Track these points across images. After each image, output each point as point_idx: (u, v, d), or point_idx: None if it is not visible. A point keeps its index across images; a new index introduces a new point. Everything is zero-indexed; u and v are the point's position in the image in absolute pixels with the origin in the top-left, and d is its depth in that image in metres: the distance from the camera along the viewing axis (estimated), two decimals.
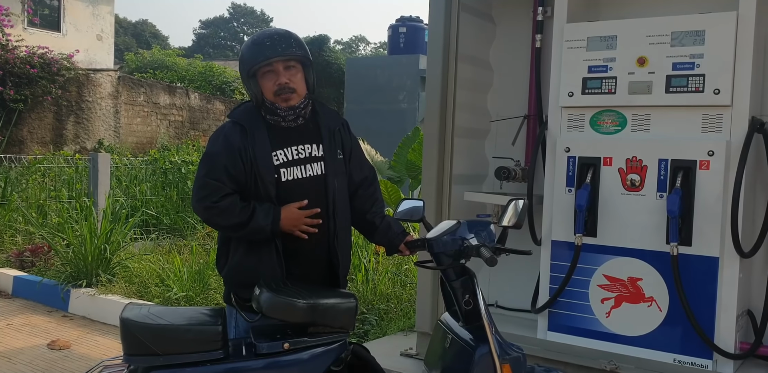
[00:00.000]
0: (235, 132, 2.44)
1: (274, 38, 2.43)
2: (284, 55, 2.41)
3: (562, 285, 3.42)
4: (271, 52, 2.40)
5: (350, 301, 2.26)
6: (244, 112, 2.52)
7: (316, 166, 2.53)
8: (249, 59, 2.44)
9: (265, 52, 2.40)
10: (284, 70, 2.43)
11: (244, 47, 2.49)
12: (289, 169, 2.48)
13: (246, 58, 2.46)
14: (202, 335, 2.06)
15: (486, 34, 4.11)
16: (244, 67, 2.47)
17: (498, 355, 2.15)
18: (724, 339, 3.11)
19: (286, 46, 2.41)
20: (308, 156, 2.52)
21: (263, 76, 2.44)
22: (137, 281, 5.36)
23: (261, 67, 2.43)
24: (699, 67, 3.11)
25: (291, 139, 2.50)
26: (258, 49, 2.42)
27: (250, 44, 2.47)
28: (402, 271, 5.50)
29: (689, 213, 3.12)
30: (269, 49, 2.41)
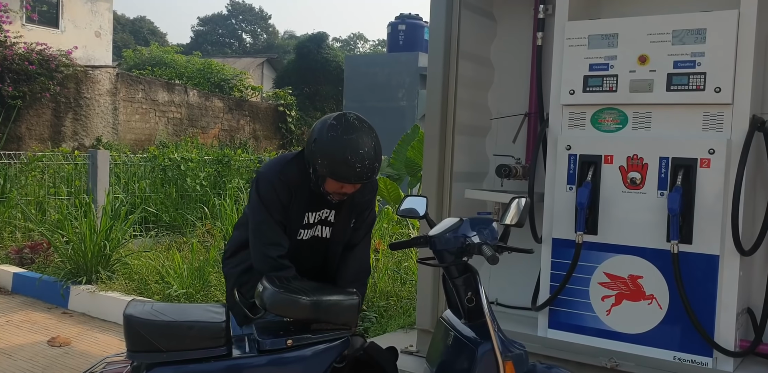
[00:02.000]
0: (283, 190, 2.56)
1: (365, 163, 2.42)
2: (363, 183, 2.53)
3: (562, 283, 3.42)
4: (356, 179, 2.46)
5: (352, 298, 2.26)
6: (292, 175, 2.58)
7: (326, 230, 2.72)
8: (332, 171, 2.43)
9: (351, 178, 2.45)
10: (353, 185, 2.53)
11: (332, 155, 2.42)
12: (306, 231, 2.68)
13: (330, 167, 2.43)
14: (206, 332, 2.06)
15: (487, 31, 4.11)
16: (323, 169, 2.45)
17: (500, 352, 2.16)
18: (724, 337, 3.11)
19: (372, 174, 2.47)
20: (323, 219, 2.70)
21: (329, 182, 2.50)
22: (137, 277, 5.36)
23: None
24: (700, 65, 3.11)
25: (321, 204, 2.65)
26: (347, 170, 2.42)
27: (340, 160, 2.41)
28: (402, 268, 5.51)
29: (690, 211, 3.13)
30: (356, 176, 2.44)
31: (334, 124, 2.45)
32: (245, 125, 19.39)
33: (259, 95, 21.85)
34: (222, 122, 18.68)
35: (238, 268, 2.70)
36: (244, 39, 58.10)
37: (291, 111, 20.36)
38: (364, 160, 2.42)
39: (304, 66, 22.85)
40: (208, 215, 7.49)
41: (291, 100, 20.65)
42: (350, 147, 2.41)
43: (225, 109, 18.73)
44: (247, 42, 57.73)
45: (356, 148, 2.41)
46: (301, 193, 2.58)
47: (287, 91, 21.05)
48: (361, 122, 2.51)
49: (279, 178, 2.56)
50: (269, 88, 25.83)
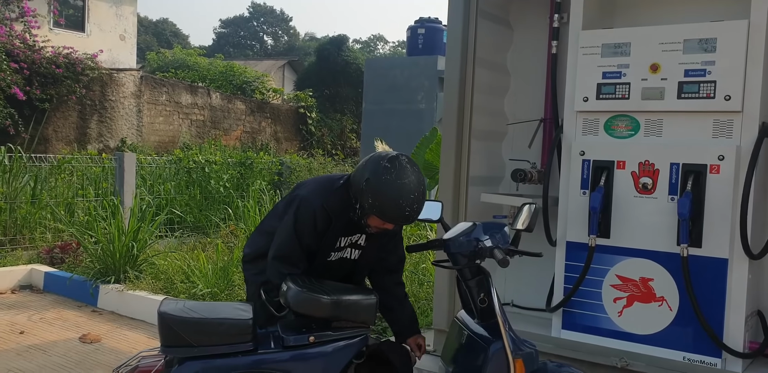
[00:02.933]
0: (322, 218, 2.64)
1: (414, 207, 2.51)
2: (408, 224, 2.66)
3: (576, 285, 3.51)
4: (405, 221, 2.56)
5: (371, 297, 2.39)
6: (337, 204, 2.65)
7: (355, 253, 2.81)
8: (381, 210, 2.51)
9: (399, 220, 2.56)
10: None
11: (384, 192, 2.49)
12: (336, 253, 2.77)
13: (380, 206, 2.50)
14: (234, 328, 2.20)
15: (503, 39, 4.21)
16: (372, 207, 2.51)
17: (511, 350, 2.27)
18: (733, 338, 3.18)
19: (415, 218, 2.56)
20: (353, 243, 2.79)
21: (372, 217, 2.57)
22: (163, 277, 5.53)
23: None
24: (710, 73, 3.19)
25: (355, 229, 2.74)
26: (397, 213, 2.50)
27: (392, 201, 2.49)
28: (419, 270, 5.62)
29: (699, 216, 3.20)
30: (404, 218, 2.53)
31: (387, 167, 2.51)
32: (266, 127, 19.61)
33: (280, 97, 22.06)
34: (244, 124, 18.91)
35: (260, 276, 2.76)
36: (265, 41, 58.54)
37: (311, 113, 20.54)
38: (413, 205, 2.50)
39: (324, 68, 23.02)
40: (231, 217, 7.67)
41: (311, 103, 20.84)
42: (403, 192, 2.48)
43: (247, 111, 18.97)
44: (268, 44, 58.16)
45: (408, 193, 2.49)
46: (339, 221, 2.66)
47: (308, 94, 21.24)
48: (413, 166, 2.59)
49: (323, 206, 2.62)
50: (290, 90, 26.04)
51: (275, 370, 2.20)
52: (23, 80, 12.93)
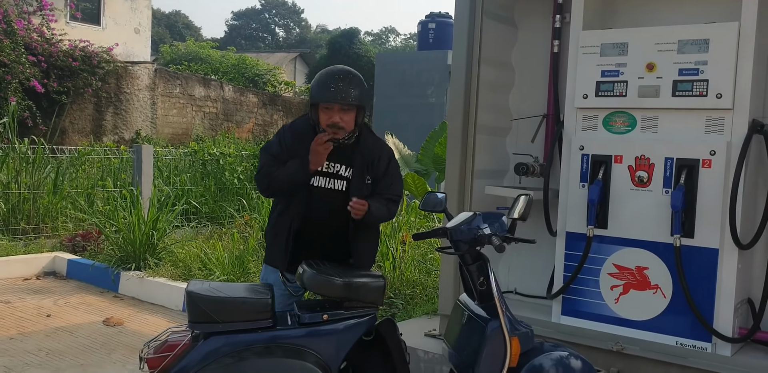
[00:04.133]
0: (288, 134, 3.02)
1: (339, 85, 2.84)
2: (342, 103, 2.86)
3: (574, 273, 3.68)
4: (333, 97, 2.84)
5: (380, 280, 2.60)
6: (302, 124, 3.05)
7: (339, 183, 3.00)
8: (314, 94, 2.91)
9: (327, 96, 2.84)
10: (339, 111, 2.87)
11: (316, 80, 2.92)
12: (317, 178, 2.97)
13: (313, 91, 2.93)
14: (255, 306, 2.40)
15: (508, 37, 4.38)
16: (311, 96, 2.93)
17: (508, 329, 2.47)
18: (723, 324, 3.35)
19: (346, 95, 2.84)
20: (335, 173, 2.99)
21: (323, 110, 2.89)
22: (181, 265, 5.77)
23: (322, 103, 2.88)
24: (703, 73, 3.35)
25: (332, 156, 2.96)
26: (324, 90, 2.86)
27: (320, 81, 2.90)
28: (427, 259, 5.83)
29: (692, 208, 3.36)
30: (332, 94, 2.84)
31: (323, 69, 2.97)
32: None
33: (291, 90, 22.26)
34: (256, 117, 19.14)
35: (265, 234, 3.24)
36: (277, 33, 58.70)
37: None
38: (338, 83, 2.84)
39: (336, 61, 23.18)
40: (246, 207, 7.90)
41: None
42: (328, 73, 2.90)
43: (259, 104, 19.18)
44: (280, 36, 58.31)
45: (332, 74, 2.89)
46: (308, 140, 2.91)
47: None
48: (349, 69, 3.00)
49: (290, 126, 3.06)
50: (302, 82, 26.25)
51: (292, 345, 2.41)
52: (41, 73, 13.20)
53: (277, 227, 3.02)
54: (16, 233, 6.94)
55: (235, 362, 2.30)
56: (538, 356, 2.57)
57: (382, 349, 2.64)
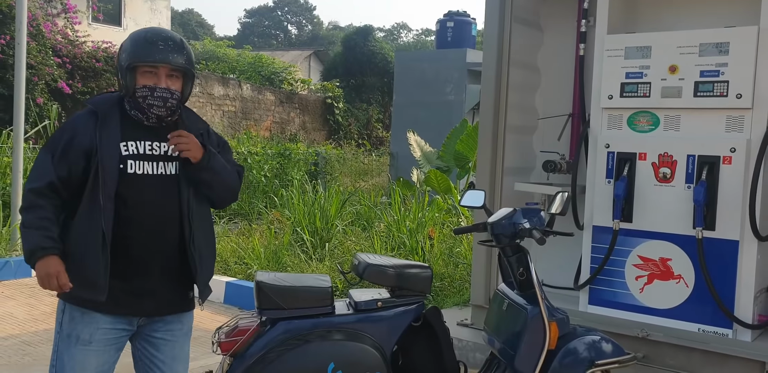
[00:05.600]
0: (86, 117, 2.34)
1: (169, 44, 2.34)
2: (173, 64, 2.32)
3: (601, 265, 3.89)
4: (162, 57, 2.30)
5: (428, 271, 2.84)
6: (103, 101, 2.39)
7: (170, 166, 2.37)
8: (134, 54, 2.31)
9: (155, 55, 2.29)
10: (166, 77, 2.33)
11: (132, 40, 2.36)
12: (138, 163, 2.32)
13: (131, 51, 2.32)
14: (318, 294, 2.64)
15: (534, 40, 4.59)
16: (126, 57, 2.32)
17: (547, 315, 2.69)
18: (743, 311, 3.55)
19: (178, 55, 2.33)
20: (162, 154, 2.36)
21: (143, 74, 2.31)
22: (219, 259, 6.02)
23: (144, 66, 2.31)
24: (723, 74, 3.54)
25: (146, 134, 2.37)
26: (149, 48, 2.30)
27: (140, 40, 2.33)
28: (455, 253, 6.05)
29: (713, 202, 3.56)
30: (160, 52, 2.30)
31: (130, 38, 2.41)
32: (295, 118, 20.08)
33: (307, 88, 22.51)
34: (273, 115, 19.40)
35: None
36: (289, 30, 58.99)
37: (338, 103, 20.95)
38: (167, 39, 2.34)
39: (350, 58, 23.39)
40: (276, 204, 8.15)
41: (338, 93, 21.27)
42: (149, 31, 2.40)
43: (276, 102, 19.44)
44: (292, 33, 58.60)
45: (156, 32, 2.39)
46: (111, 121, 2.32)
47: (335, 84, 21.66)
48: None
49: (86, 109, 2.36)
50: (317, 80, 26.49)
51: (349, 329, 2.65)
52: (66, 74, 13.52)
53: (80, 244, 2.23)
54: None
55: (301, 344, 2.54)
56: (573, 340, 2.79)
57: (428, 334, 2.87)
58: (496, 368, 2.95)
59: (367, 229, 7.06)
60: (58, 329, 2.34)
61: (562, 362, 2.71)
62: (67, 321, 2.32)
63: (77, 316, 2.31)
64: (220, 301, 5.50)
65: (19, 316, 4.97)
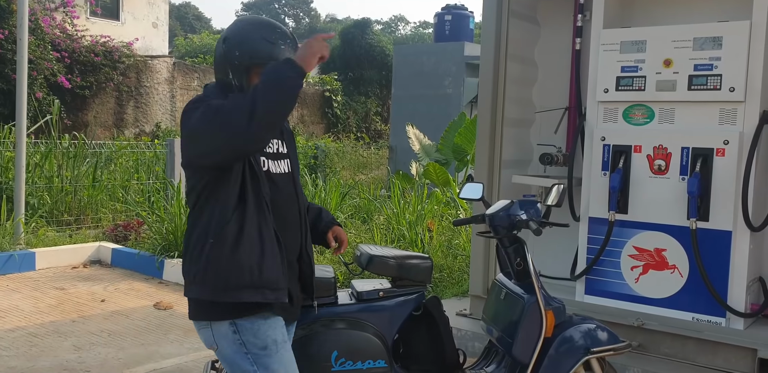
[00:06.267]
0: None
1: (287, 42, 2.18)
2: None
3: (597, 255, 3.96)
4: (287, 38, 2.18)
5: (428, 261, 2.91)
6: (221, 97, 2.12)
7: (284, 164, 2.27)
8: (255, 53, 2.13)
9: (278, 56, 2.12)
10: None
11: (248, 36, 2.15)
12: (272, 161, 2.23)
13: (250, 49, 2.13)
14: (321, 285, 2.71)
15: (532, 35, 4.65)
16: (242, 56, 2.13)
17: (543, 304, 2.77)
18: (736, 300, 3.62)
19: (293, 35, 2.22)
20: (276, 152, 2.26)
21: (257, 74, 2.12)
22: None
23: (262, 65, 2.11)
24: (717, 68, 3.60)
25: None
26: (271, 49, 2.13)
27: (259, 39, 2.14)
28: (453, 245, 6.13)
29: (707, 193, 3.63)
30: (282, 53, 2.13)
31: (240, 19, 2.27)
32: (293, 111, 20.10)
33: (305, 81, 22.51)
34: None
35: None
36: (287, 23, 58.83)
37: (337, 96, 20.97)
38: (286, 39, 2.18)
39: (348, 51, 23.36)
40: None
41: (336, 86, 21.28)
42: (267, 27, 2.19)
43: None
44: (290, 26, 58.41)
45: (272, 26, 2.19)
46: None
47: (333, 77, 21.67)
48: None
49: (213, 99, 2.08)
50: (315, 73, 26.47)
51: (352, 318, 2.72)
52: (64, 69, 13.54)
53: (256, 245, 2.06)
54: (60, 224, 7.31)
55: (306, 333, 2.61)
56: (569, 328, 2.86)
57: (429, 323, 2.94)
58: (494, 357, 3.03)
59: (367, 221, 7.14)
60: (243, 350, 2.06)
61: (559, 350, 2.79)
62: (252, 336, 2.08)
63: (260, 324, 2.10)
64: None
65: (25, 308, 5.05)
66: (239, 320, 2.06)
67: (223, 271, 2.02)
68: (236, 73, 2.15)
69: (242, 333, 2.06)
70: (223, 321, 2.06)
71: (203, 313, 2.08)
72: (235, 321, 2.06)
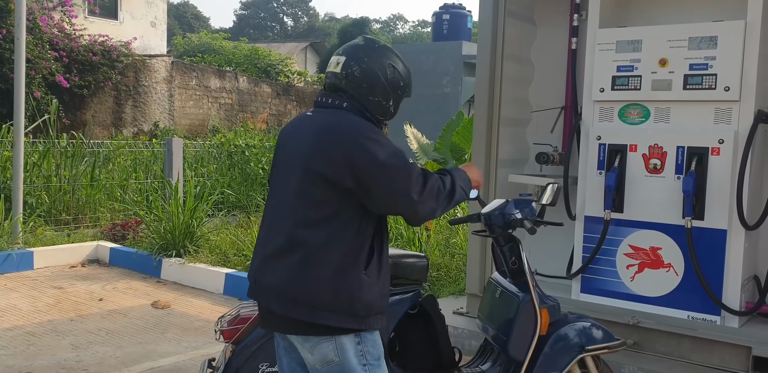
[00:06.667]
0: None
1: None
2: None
3: (593, 254, 3.97)
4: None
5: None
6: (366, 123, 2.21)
7: None
8: (410, 87, 2.30)
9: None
10: None
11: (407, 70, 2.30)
12: None
13: (409, 83, 2.29)
14: None
15: (528, 34, 4.66)
16: (405, 86, 2.27)
17: (538, 302, 2.78)
18: (731, 298, 3.64)
19: None
20: None
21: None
22: (218, 251, 6.12)
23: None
24: (712, 67, 3.62)
25: None
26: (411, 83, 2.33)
27: (408, 73, 2.30)
28: (451, 244, 6.15)
29: (702, 192, 3.64)
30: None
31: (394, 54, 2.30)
32: (292, 110, 20.11)
33: (304, 80, 22.52)
34: (270, 107, 19.43)
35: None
36: (285, 22, 58.84)
37: None
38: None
39: None
40: None
41: None
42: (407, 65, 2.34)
43: (273, 94, 19.46)
44: (288, 25, 58.46)
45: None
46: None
47: None
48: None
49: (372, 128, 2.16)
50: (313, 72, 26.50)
51: None
52: (63, 68, 13.53)
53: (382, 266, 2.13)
54: (58, 223, 7.32)
55: None
56: (563, 326, 2.88)
57: (424, 321, 2.96)
58: (489, 355, 3.05)
59: None
60: (363, 362, 2.09)
61: (554, 348, 2.81)
62: (371, 346, 2.13)
63: (376, 336, 2.16)
64: (219, 292, 5.60)
65: (23, 308, 5.06)
66: (364, 332, 2.10)
67: (374, 300, 2.08)
68: (395, 102, 2.25)
69: (365, 344, 2.10)
70: (349, 334, 2.07)
71: (331, 329, 2.04)
72: (359, 333, 2.09)
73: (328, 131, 2.09)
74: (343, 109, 2.17)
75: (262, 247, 2.17)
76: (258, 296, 2.15)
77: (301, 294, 2.03)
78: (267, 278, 2.09)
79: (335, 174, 2.02)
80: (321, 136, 2.09)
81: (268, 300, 2.10)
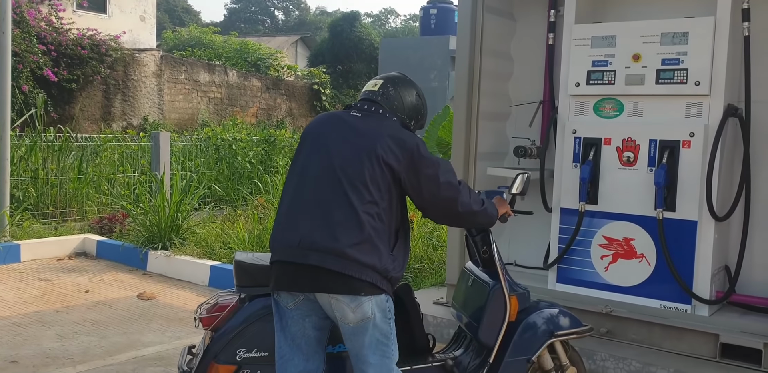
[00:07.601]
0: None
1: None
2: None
3: (568, 245, 4.07)
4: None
5: None
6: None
7: None
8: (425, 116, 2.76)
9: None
10: None
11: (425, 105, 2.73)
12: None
13: (425, 113, 2.74)
14: None
15: (507, 30, 4.73)
16: (424, 116, 2.73)
17: (507, 289, 2.87)
18: (701, 288, 3.75)
19: None
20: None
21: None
22: (204, 244, 6.18)
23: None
24: (683, 62, 3.71)
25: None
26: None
27: (426, 106, 2.75)
28: (434, 236, 6.23)
29: (673, 184, 3.74)
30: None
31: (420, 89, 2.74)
32: (282, 104, 20.12)
33: (294, 74, 22.52)
34: (260, 101, 19.43)
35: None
36: (276, 16, 58.63)
37: (325, 89, 21.00)
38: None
39: (337, 44, 23.43)
40: (261, 190, 8.30)
41: (325, 79, 21.31)
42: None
43: (262, 88, 19.46)
44: (279, 19, 58.25)
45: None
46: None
47: (321, 70, 21.68)
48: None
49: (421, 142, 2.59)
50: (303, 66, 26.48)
51: None
52: (51, 62, 13.51)
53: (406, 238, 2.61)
54: (45, 216, 7.37)
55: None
56: (532, 313, 2.97)
57: (400, 310, 3.03)
58: (462, 341, 3.14)
59: None
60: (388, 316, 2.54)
61: (523, 335, 2.90)
62: (391, 305, 2.56)
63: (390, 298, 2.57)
64: (204, 284, 5.67)
65: (9, 299, 5.11)
66: (388, 294, 2.54)
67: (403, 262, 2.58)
68: (416, 122, 2.69)
69: (389, 303, 2.54)
70: (382, 295, 2.48)
71: (377, 288, 2.45)
72: (387, 295, 2.53)
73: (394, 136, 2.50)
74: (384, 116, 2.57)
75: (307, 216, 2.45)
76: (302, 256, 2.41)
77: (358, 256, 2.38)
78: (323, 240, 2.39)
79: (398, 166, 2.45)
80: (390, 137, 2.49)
81: (323, 260, 2.38)
